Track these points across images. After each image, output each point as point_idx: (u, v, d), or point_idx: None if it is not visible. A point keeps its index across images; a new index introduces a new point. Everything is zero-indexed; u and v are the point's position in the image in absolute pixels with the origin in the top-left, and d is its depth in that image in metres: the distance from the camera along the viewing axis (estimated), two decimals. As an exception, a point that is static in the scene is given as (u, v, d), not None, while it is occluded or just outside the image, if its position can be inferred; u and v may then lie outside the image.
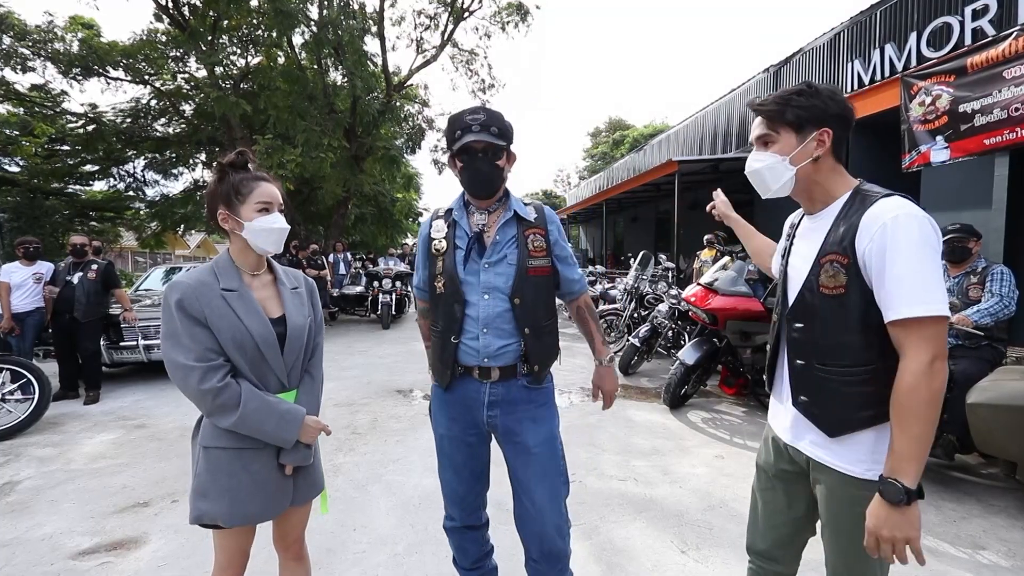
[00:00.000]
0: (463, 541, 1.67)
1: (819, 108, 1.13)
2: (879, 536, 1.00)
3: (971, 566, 2.21)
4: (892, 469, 1.00)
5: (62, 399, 4.87)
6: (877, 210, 1.05)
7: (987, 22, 4.96)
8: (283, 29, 9.61)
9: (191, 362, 1.22)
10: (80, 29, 10.77)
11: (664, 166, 9.08)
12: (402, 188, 18.49)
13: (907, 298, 0.99)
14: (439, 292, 1.54)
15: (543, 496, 1.51)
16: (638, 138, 29.00)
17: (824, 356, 1.13)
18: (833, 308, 1.10)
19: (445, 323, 1.53)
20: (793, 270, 1.24)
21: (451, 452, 1.61)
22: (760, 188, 1.23)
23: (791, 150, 1.15)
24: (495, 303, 1.50)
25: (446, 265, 1.53)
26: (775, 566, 1.35)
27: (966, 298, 3.07)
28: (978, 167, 5.09)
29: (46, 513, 2.71)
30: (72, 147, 12.30)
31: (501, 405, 1.53)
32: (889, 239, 1.01)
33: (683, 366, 4.24)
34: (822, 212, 1.18)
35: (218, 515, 1.29)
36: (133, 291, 7.42)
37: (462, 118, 1.47)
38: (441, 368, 1.56)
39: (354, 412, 4.41)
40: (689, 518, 2.60)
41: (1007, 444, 2.54)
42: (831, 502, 1.15)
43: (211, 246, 30.16)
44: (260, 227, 1.32)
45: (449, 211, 1.61)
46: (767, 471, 1.32)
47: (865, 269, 1.05)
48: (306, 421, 1.36)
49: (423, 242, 1.62)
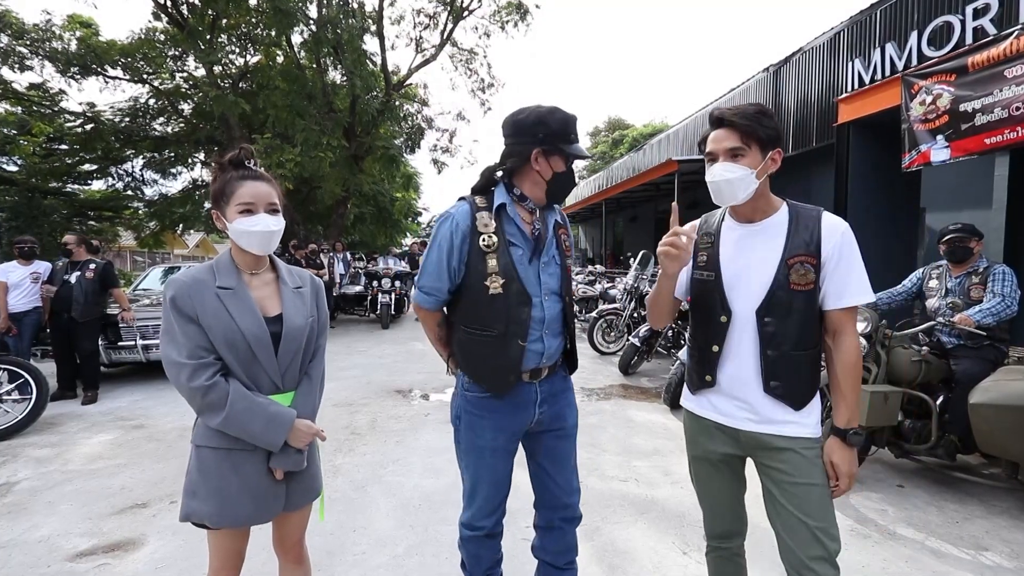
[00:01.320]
0: (482, 549, 1.60)
1: (777, 130, 1.30)
2: (850, 474, 1.28)
3: (974, 567, 2.20)
4: (849, 420, 1.28)
5: (60, 399, 4.84)
6: (831, 221, 1.29)
7: (988, 21, 4.95)
8: (282, 28, 9.58)
9: (182, 359, 1.22)
10: (78, 28, 10.73)
11: (663, 165, 9.07)
12: (401, 188, 18.47)
13: (857, 290, 1.27)
14: (494, 293, 1.42)
15: (574, 471, 1.61)
16: (637, 137, 29.00)
17: (796, 344, 1.28)
18: (803, 301, 1.27)
19: (505, 326, 1.43)
20: (738, 272, 1.33)
21: (494, 464, 1.53)
22: (725, 197, 1.31)
23: (757, 165, 1.27)
24: (552, 304, 1.51)
25: (502, 263, 1.43)
26: (737, 540, 1.51)
27: (968, 298, 3.05)
28: (978, 167, 5.09)
29: (43, 514, 2.69)
30: (70, 146, 12.26)
31: (549, 400, 1.55)
32: (847, 244, 1.27)
33: (683, 365, 4.22)
34: (764, 221, 1.34)
35: (206, 515, 1.27)
36: (131, 291, 7.39)
37: (575, 123, 1.46)
38: (501, 373, 1.46)
39: (353, 412, 4.40)
40: (691, 519, 2.59)
41: (1009, 444, 2.53)
42: (803, 467, 1.27)
43: (210, 246, 30.13)
44: (241, 229, 1.29)
45: (497, 205, 1.47)
46: (709, 459, 1.43)
47: (824, 267, 1.26)
48: (296, 425, 1.32)
49: (462, 236, 1.44)
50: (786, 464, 1.28)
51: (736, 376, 1.33)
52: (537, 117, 1.43)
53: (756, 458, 1.36)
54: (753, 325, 1.30)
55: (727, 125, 1.29)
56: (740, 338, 1.32)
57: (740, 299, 1.32)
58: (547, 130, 1.42)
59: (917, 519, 2.62)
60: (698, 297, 1.42)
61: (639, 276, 6.45)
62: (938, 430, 2.87)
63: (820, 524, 1.24)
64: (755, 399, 1.31)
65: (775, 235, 1.31)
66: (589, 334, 6.87)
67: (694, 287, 1.43)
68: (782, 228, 1.31)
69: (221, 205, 1.32)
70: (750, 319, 1.30)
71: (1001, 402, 2.50)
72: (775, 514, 1.31)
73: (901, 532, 2.49)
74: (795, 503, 1.26)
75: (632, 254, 8.36)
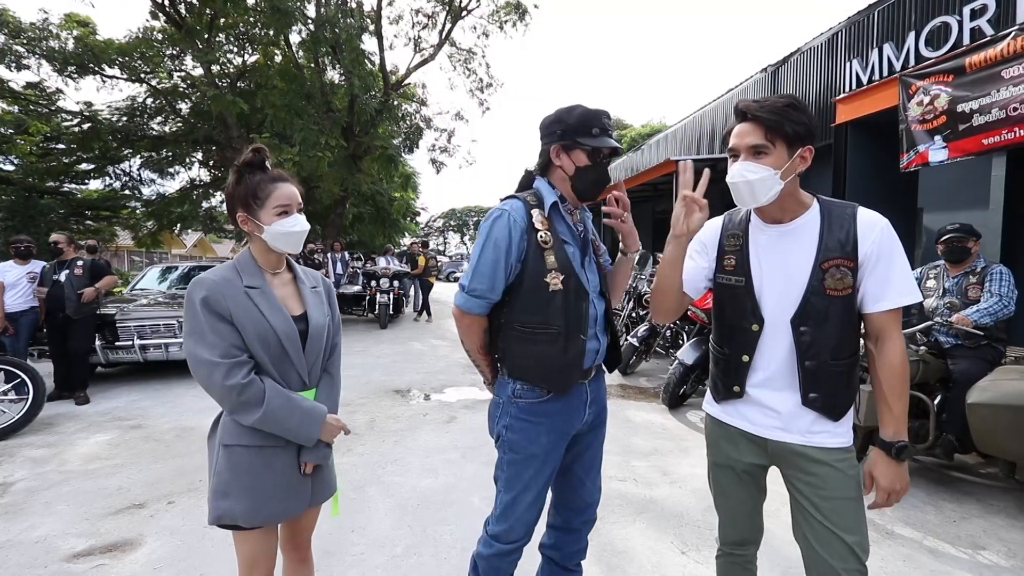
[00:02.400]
0: (504, 563, 1.53)
1: (807, 125, 1.18)
2: (891, 490, 1.18)
3: (971, 566, 2.21)
4: (896, 433, 1.18)
5: (57, 399, 4.83)
6: (868, 217, 1.20)
7: (985, 22, 4.96)
8: (280, 27, 9.56)
9: (216, 358, 1.21)
10: (75, 27, 10.68)
11: (661, 165, 9.09)
12: (400, 187, 18.44)
13: (900, 290, 1.17)
14: (554, 289, 1.39)
15: (599, 471, 1.62)
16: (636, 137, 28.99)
17: (835, 352, 1.20)
18: (841, 307, 1.19)
19: (565, 322, 1.40)
20: (771, 278, 1.25)
21: (548, 472, 1.48)
22: (746, 199, 1.21)
23: (783, 164, 1.17)
24: (600, 303, 1.51)
25: (560, 260, 1.41)
26: (750, 548, 1.46)
27: (965, 298, 3.06)
28: (976, 167, 5.10)
29: (40, 515, 2.68)
30: (67, 145, 12.19)
31: (596, 400, 1.56)
32: (887, 241, 1.17)
33: (682, 366, 4.23)
34: (794, 222, 1.24)
35: (239, 514, 1.28)
36: (128, 290, 7.37)
37: (599, 117, 1.43)
38: (567, 372, 1.42)
39: (351, 412, 4.39)
40: (689, 519, 2.59)
41: (1007, 444, 2.54)
42: (839, 480, 1.20)
43: (208, 245, 30.05)
44: (280, 231, 1.32)
45: (547, 203, 1.46)
46: (733, 467, 1.36)
47: (862, 268, 1.18)
48: (327, 419, 1.36)
49: (521, 233, 1.40)
50: (820, 478, 1.21)
51: (769, 387, 1.26)
52: (557, 115, 1.46)
53: (785, 469, 1.29)
54: (788, 334, 1.22)
55: (751, 119, 1.18)
56: (773, 348, 1.24)
57: (773, 307, 1.24)
58: (564, 126, 1.43)
59: (915, 518, 2.62)
60: (725, 303, 1.33)
61: (637, 276, 6.45)
62: (936, 430, 2.88)
63: (856, 538, 1.18)
64: (790, 410, 1.23)
65: (807, 237, 1.21)
66: (587, 334, 6.87)
67: (720, 292, 1.35)
68: (814, 229, 1.21)
69: (253, 208, 1.32)
70: (784, 328, 1.22)
71: (999, 402, 2.51)
72: (807, 526, 1.24)
73: (899, 532, 2.50)
74: (831, 518, 1.19)
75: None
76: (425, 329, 9.79)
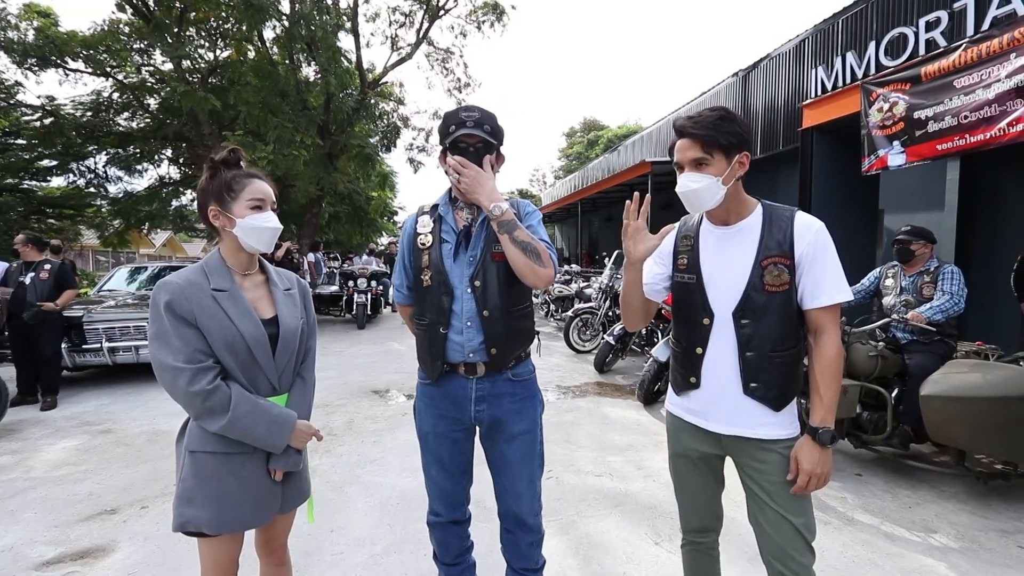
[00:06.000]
0: (446, 536, 1.69)
1: (740, 134, 1.30)
2: (813, 474, 1.25)
3: (924, 548, 2.35)
4: (823, 420, 1.27)
5: (20, 404, 4.67)
6: (804, 220, 1.31)
7: (939, 34, 5.22)
8: (253, 23, 9.36)
9: (180, 364, 1.19)
10: (36, 17, 10.25)
11: (637, 167, 9.24)
12: (377, 187, 18.26)
13: (833, 288, 1.27)
14: (426, 285, 1.55)
15: (523, 479, 1.61)
16: (612, 138, 29.36)
17: (774, 344, 1.30)
18: (778, 302, 1.29)
19: (433, 315, 1.54)
20: (718, 274, 1.36)
21: (437, 448, 1.62)
22: (695, 205, 1.34)
23: (723, 172, 1.29)
24: (472, 298, 1.54)
25: (432, 259, 1.54)
26: (711, 535, 1.55)
27: (920, 296, 3.23)
28: (932, 171, 5.36)
29: (5, 523, 2.61)
30: (28, 141, 11.72)
31: (488, 399, 1.57)
32: (821, 243, 1.28)
33: (656, 363, 4.33)
34: (739, 224, 1.36)
35: (204, 522, 1.25)
36: (96, 291, 7.14)
37: (457, 114, 1.50)
38: (430, 360, 1.57)
39: (330, 413, 4.37)
40: (662, 510, 2.68)
41: (956, 433, 2.69)
42: (781, 468, 1.30)
43: (177, 245, 29.21)
44: (252, 225, 1.29)
45: (435, 207, 1.62)
46: (689, 456, 1.46)
47: (799, 267, 1.28)
48: (297, 425, 1.34)
49: (408, 237, 1.62)
50: (768, 465, 1.31)
51: (718, 378, 1.35)
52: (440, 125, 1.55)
53: (737, 459, 1.38)
54: (731, 327, 1.32)
55: (688, 136, 1.30)
56: (720, 340, 1.34)
57: (719, 301, 1.33)
58: (441, 132, 1.54)
59: (873, 505, 2.77)
60: (681, 300, 1.44)
61: (614, 275, 6.57)
62: (893, 421, 3.04)
63: (802, 520, 1.29)
64: (736, 400, 1.33)
65: (750, 237, 1.33)
66: (565, 333, 6.96)
67: (676, 290, 1.45)
68: (756, 230, 1.32)
69: (226, 201, 1.30)
70: (728, 321, 1.32)
71: (949, 394, 2.66)
72: (758, 511, 1.34)
73: (859, 518, 2.63)
74: (780, 503, 1.29)
75: (607, 254, 8.50)
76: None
